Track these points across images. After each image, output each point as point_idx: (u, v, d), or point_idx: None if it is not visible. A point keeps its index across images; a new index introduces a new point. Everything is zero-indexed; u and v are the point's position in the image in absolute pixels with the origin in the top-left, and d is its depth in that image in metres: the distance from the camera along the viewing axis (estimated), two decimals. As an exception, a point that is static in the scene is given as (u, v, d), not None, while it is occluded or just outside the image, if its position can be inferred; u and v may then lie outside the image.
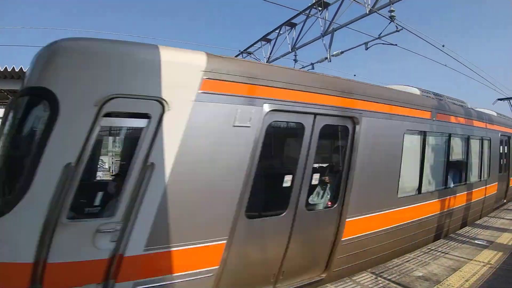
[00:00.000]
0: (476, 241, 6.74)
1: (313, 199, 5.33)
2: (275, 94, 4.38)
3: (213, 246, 3.88)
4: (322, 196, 5.44)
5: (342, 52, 13.12)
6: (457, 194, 8.20)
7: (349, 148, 5.28)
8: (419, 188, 6.86)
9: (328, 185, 5.48)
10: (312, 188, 5.04)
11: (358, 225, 5.43)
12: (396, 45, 11.80)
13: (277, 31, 14.78)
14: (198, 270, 3.79)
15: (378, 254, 5.85)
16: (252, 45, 16.62)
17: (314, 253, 5.11)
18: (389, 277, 5.04)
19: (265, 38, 15.78)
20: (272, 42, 15.55)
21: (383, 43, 12.02)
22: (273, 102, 4.32)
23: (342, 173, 5.28)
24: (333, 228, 5.19)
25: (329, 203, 5.34)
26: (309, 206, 5.05)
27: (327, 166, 5.95)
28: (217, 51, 4.94)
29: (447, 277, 5.01)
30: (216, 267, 3.91)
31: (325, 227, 5.14)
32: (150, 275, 3.51)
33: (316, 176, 5.03)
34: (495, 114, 12.87)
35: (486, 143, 10.16)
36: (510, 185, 12.95)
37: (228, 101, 3.98)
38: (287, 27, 14.34)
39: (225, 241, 3.97)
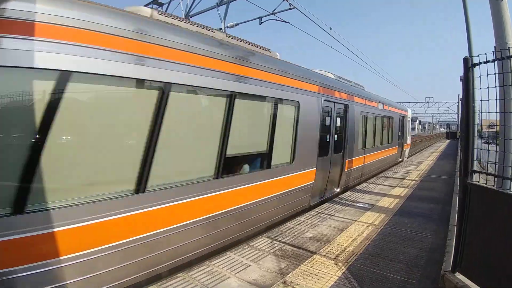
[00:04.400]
0: (358, 204, 7.18)
1: None
2: None
3: None
4: None
5: (236, 24, 12.91)
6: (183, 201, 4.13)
7: None
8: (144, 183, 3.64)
9: None
10: None
11: None
12: (288, 22, 11.98)
13: (171, -6, 13.49)
14: None
15: None
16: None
17: None
18: (283, 240, 4.89)
19: (157, 2, 14.26)
20: (165, 6, 14.16)
21: (276, 19, 12.11)
22: None
23: None
24: None
25: None
26: None
27: None
28: None
29: (336, 237, 5.05)
30: None
31: None
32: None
33: None
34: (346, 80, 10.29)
35: (287, 110, 6.43)
36: (345, 170, 9.27)
37: None
38: (182, -8, 13.20)
39: None
